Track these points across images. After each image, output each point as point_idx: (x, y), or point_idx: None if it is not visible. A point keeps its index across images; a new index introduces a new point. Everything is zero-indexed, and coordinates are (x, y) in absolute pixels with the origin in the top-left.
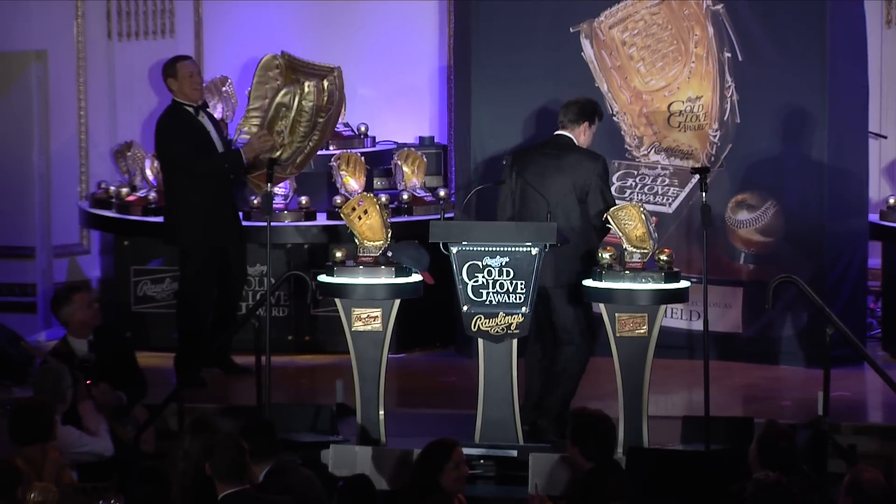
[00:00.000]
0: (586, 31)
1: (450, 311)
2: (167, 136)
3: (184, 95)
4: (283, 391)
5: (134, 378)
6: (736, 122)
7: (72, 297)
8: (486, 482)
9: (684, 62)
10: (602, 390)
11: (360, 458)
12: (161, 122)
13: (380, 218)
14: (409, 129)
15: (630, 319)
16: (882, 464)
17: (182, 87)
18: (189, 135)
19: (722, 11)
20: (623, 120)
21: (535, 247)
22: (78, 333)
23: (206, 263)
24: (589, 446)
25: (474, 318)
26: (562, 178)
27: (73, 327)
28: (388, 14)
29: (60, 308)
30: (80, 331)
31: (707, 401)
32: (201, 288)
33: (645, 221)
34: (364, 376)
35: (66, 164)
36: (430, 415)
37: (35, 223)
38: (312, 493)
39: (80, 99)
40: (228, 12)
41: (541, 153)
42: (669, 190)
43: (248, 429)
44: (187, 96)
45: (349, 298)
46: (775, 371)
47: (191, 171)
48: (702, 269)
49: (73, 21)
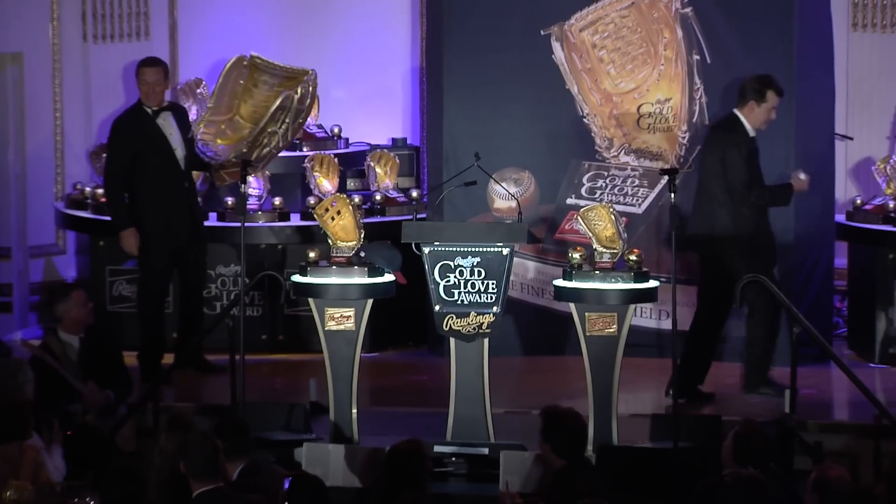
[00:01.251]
0: (557, 33)
1: (422, 310)
2: (110, 139)
3: (144, 98)
4: (256, 390)
5: (120, 377)
6: (705, 123)
7: (69, 293)
8: (458, 480)
9: (653, 65)
10: (572, 389)
11: (334, 457)
12: (114, 123)
13: (353, 218)
14: (382, 131)
15: (600, 319)
16: (848, 461)
17: (143, 90)
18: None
19: (691, 14)
20: (593, 122)
21: (506, 247)
22: (71, 330)
23: (160, 262)
24: (560, 444)
25: (446, 317)
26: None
27: (66, 323)
28: (361, 16)
29: (57, 303)
30: (74, 327)
31: (675, 399)
32: (159, 287)
33: (615, 222)
34: (337, 375)
35: (41, 164)
36: (402, 413)
37: (11, 223)
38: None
39: (55, 101)
40: (203, 15)
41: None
42: (639, 191)
43: (222, 427)
44: (147, 99)
45: (322, 298)
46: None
47: (104, 181)
48: (671, 269)
49: (48, 23)
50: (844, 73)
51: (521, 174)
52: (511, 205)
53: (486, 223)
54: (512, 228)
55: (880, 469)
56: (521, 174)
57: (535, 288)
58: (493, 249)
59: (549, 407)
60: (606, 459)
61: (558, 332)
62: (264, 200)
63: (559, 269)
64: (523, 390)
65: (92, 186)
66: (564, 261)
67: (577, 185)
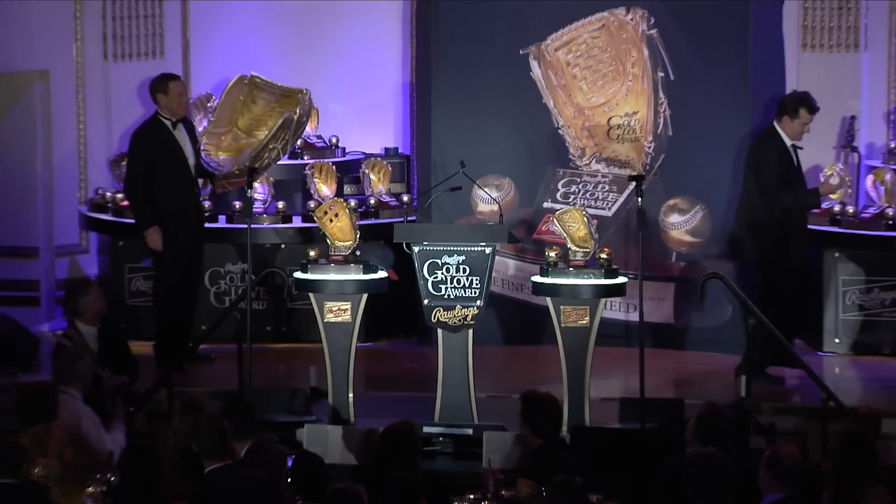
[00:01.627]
0: (534, 52)
1: (412, 304)
2: (131, 148)
3: (169, 111)
4: (262, 376)
5: (129, 363)
6: (668, 134)
7: (88, 288)
8: (445, 458)
9: (622, 81)
10: (548, 375)
11: (332, 437)
12: (135, 133)
13: (349, 221)
14: (376, 141)
15: (573, 311)
16: (798, 441)
17: (169, 103)
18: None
19: (656, 35)
20: (567, 133)
21: (488, 246)
22: (90, 321)
23: (175, 260)
24: (538, 425)
25: (434, 310)
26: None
27: (87, 316)
28: (356, 37)
29: (78, 298)
30: (93, 319)
31: (642, 384)
32: (173, 282)
33: (587, 224)
34: (335, 363)
35: (66, 172)
36: (394, 397)
37: (39, 226)
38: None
39: (79, 114)
40: (213, 36)
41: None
42: (609, 195)
43: (230, 410)
44: (172, 112)
45: (321, 293)
46: (703, 357)
47: (125, 186)
48: (637, 267)
49: (72, 44)
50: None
51: (502, 180)
52: (493, 208)
53: (471, 225)
54: (494, 229)
55: (827, 448)
56: (502, 180)
57: (514, 284)
58: (477, 248)
59: (528, 392)
60: (580, 439)
61: (536, 323)
62: (269, 204)
63: (537, 267)
64: (504, 376)
65: (112, 192)
66: (541, 259)
67: (553, 191)
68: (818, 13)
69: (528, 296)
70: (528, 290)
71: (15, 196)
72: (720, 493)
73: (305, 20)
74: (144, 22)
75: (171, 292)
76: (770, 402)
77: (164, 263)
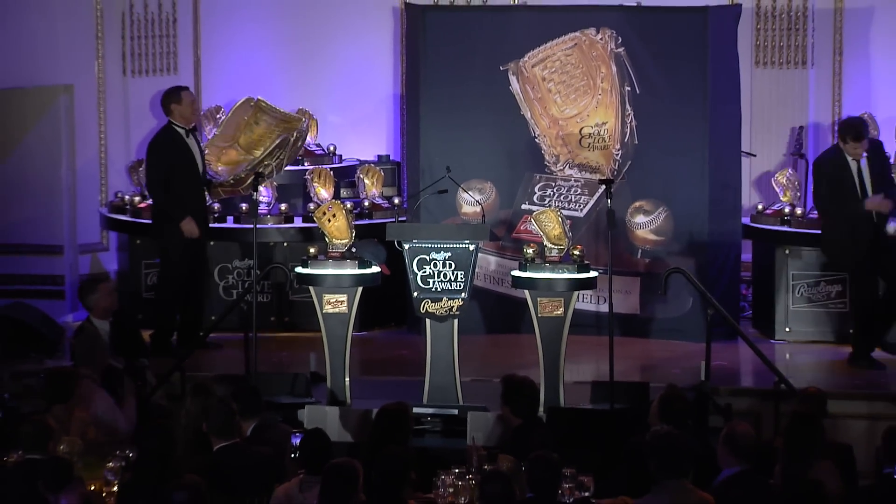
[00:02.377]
0: (513, 68)
1: (403, 296)
2: (155, 155)
3: (183, 119)
4: (266, 362)
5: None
6: (634, 143)
7: (97, 287)
8: (433, 435)
9: (593, 94)
10: (527, 361)
11: (330, 417)
12: (154, 142)
13: (346, 221)
14: (370, 149)
15: (549, 303)
16: (752, 419)
17: (183, 112)
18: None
19: (623, 53)
20: (543, 141)
21: (472, 244)
22: (101, 316)
23: (182, 256)
24: (517, 406)
25: (423, 301)
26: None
27: (97, 311)
28: (352, 54)
29: (87, 296)
30: (103, 314)
31: (611, 369)
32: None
33: (561, 223)
34: (333, 350)
35: (88, 177)
36: (386, 381)
37: (63, 226)
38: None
39: (100, 124)
40: (222, 53)
41: None
42: (581, 198)
43: (237, 392)
44: (185, 120)
45: (320, 286)
46: (666, 345)
47: (149, 190)
48: (607, 262)
49: (94, 61)
50: (749, 102)
51: (485, 184)
52: (476, 210)
53: (456, 224)
54: (477, 228)
55: (779, 426)
56: (484, 184)
57: (495, 278)
58: (462, 246)
59: (508, 375)
60: (555, 418)
61: (515, 314)
62: (272, 206)
63: (515, 262)
64: (486, 362)
65: (130, 195)
66: (520, 255)
67: (530, 194)
68: (769, 33)
69: (507, 289)
70: (508, 284)
71: (42, 199)
72: (679, 467)
73: (306, 40)
74: (160, 41)
75: (175, 287)
76: (727, 385)
77: (172, 259)
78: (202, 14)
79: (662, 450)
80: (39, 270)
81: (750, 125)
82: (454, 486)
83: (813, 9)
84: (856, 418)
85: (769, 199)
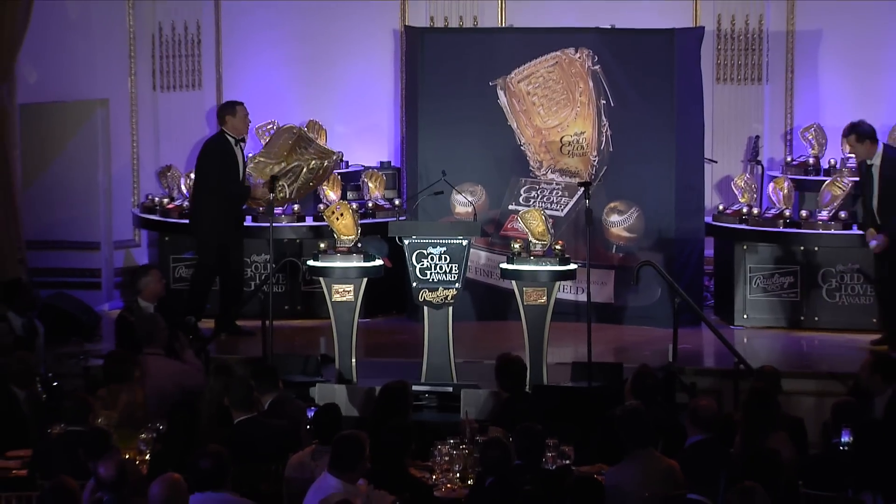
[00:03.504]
0: (501, 84)
1: (403, 286)
2: (206, 158)
3: (235, 130)
4: (281, 345)
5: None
6: (609, 150)
7: (150, 271)
8: (430, 411)
9: (572, 107)
10: (514, 344)
11: (338, 394)
12: (206, 146)
13: (352, 219)
14: (373, 156)
15: (534, 292)
16: (714, 396)
17: (236, 123)
18: (222, 160)
19: (599, 70)
20: (528, 149)
21: (465, 240)
22: (149, 299)
23: (218, 250)
24: (507, 382)
25: (421, 291)
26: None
27: (146, 294)
28: (357, 72)
29: (140, 279)
30: (151, 297)
31: (589, 351)
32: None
33: (545, 222)
34: (341, 335)
35: (122, 181)
36: (388, 362)
37: (100, 224)
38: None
39: (132, 134)
40: (242, 70)
41: None
42: (562, 199)
43: (256, 371)
44: (237, 131)
45: (330, 277)
46: (638, 330)
47: (215, 190)
48: (585, 256)
49: (127, 77)
50: (711, 114)
51: (476, 187)
52: (468, 210)
53: (451, 222)
54: (469, 226)
55: (738, 401)
56: (475, 187)
57: (486, 271)
58: (456, 241)
59: (502, 355)
60: (539, 395)
61: (503, 302)
62: (286, 207)
63: (503, 257)
64: (477, 345)
65: (159, 197)
66: (508, 251)
67: (517, 196)
68: (729, 52)
69: (496, 280)
70: (497, 276)
71: (81, 201)
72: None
73: (317, 59)
74: (186, 60)
75: (209, 278)
76: (692, 366)
77: (209, 252)
78: (223, 36)
79: (630, 423)
80: (79, 264)
81: (712, 134)
82: (449, 455)
83: (767, 31)
84: (806, 395)
85: (729, 200)
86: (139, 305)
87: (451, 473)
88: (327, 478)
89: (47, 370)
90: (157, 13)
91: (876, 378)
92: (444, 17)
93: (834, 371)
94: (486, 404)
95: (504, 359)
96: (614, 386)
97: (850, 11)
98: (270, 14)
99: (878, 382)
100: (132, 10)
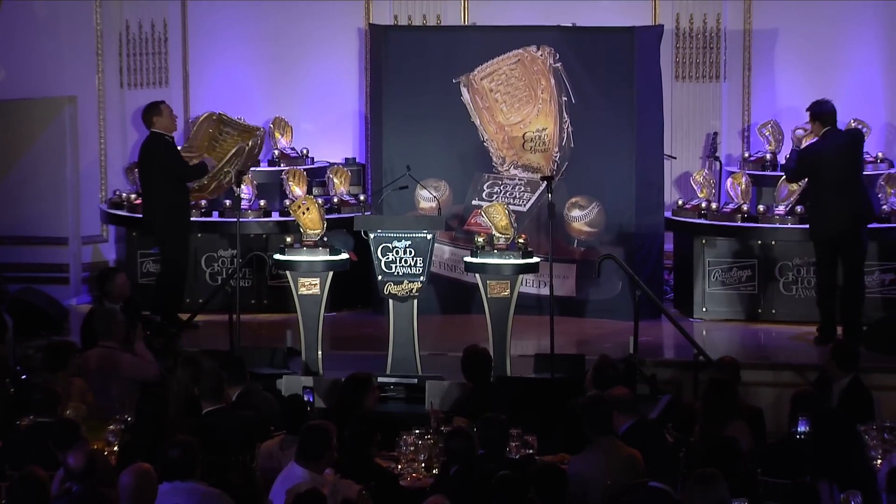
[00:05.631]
0: (464, 81)
1: (368, 280)
2: (162, 154)
3: (165, 128)
4: (248, 338)
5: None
6: (571, 146)
7: (114, 276)
8: (397, 402)
9: (534, 104)
10: (478, 336)
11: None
12: (150, 147)
13: (318, 213)
14: (338, 152)
15: (497, 285)
16: (674, 387)
17: (164, 122)
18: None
19: (560, 68)
20: (491, 145)
21: (429, 234)
22: (115, 301)
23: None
24: (472, 373)
25: (386, 284)
26: None
27: (112, 297)
28: (323, 70)
29: (105, 283)
30: (117, 299)
31: (552, 344)
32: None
33: (508, 216)
34: (307, 328)
35: (90, 177)
36: (354, 355)
37: (68, 220)
38: (270, 409)
39: (100, 131)
40: (208, 68)
41: None
42: (524, 194)
43: (225, 363)
44: (167, 128)
45: (296, 271)
46: (599, 323)
47: (182, 177)
48: (548, 250)
49: (95, 74)
50: (670, 111)
51: (440, 183)
52: (432, 205)
53: (415, 216)
54: (433, 220)
55: (698, 391)
56: (439, 183)
57: (449, 265)
58: (420, 235)
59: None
60: (503, 387)
61: (466, 296)
62: (253, 202)
63: (467, 251)
64: (441, 338)
65: (127, 193)
66: (471, 245)
67: (480, 191)
68: (688, 51)
69: (460, 274)
70: (461, 270)
71: (49, 196)
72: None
73: (282, 57)
74: (153, 58)
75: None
76: (652, 357)
77: (179, 247)
78: (190, 34)
79: (591, 411)
80: (47, 259)
81: (671, 131)
82: (415, 445)
83: (725, 30)
84: (764, 385)
85: (688, 195)
86: (104, 305)
87: (417, 463)
88: (294, 467)
89: (16, 363)
90: (124, 11)
91: (832, 364)
92: (408, 16)
93: (790, 362)
94: (451, 395)
95: (470, 350)
96: (576, 377)
97: (805, 11)
98: (236, 13)
99: (833, 368)
100: (99, 9)
